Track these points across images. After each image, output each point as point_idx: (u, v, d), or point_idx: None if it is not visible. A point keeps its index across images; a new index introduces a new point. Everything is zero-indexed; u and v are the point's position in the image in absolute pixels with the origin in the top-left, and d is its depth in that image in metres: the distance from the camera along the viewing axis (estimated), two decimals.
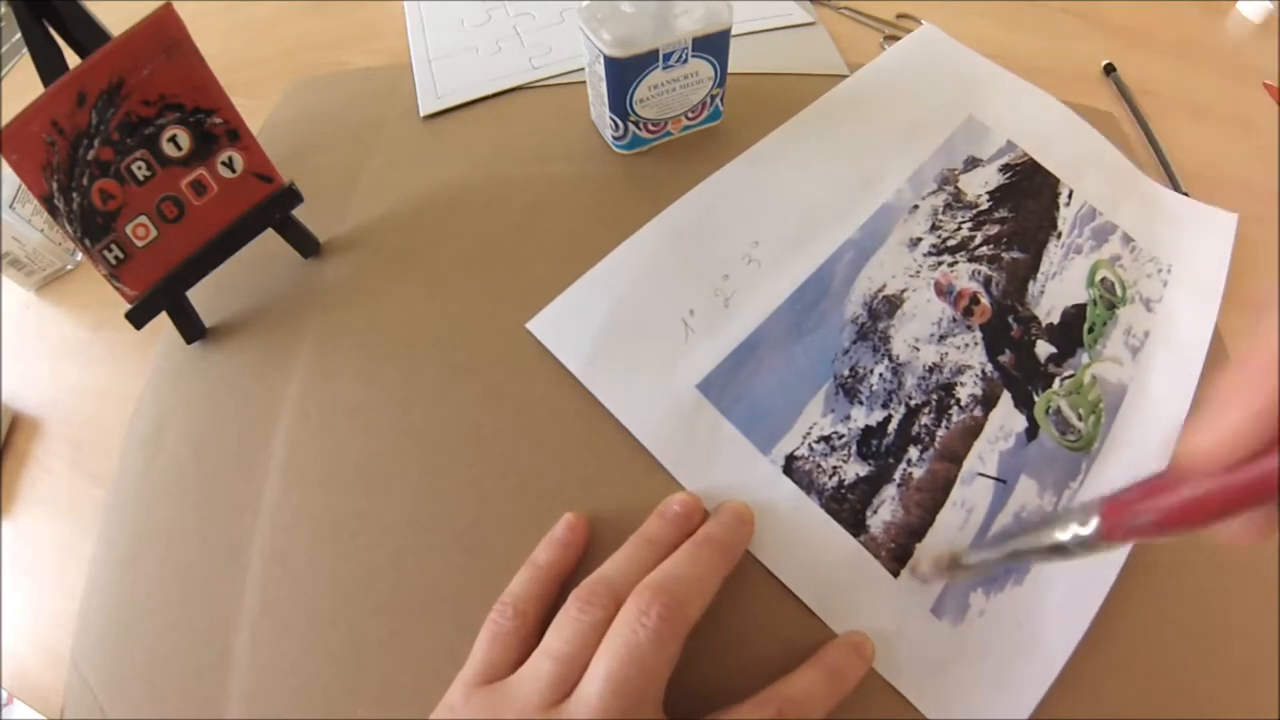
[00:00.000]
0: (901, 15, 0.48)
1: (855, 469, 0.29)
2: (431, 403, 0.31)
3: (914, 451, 0.30)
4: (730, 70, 0.37)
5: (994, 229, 0.36)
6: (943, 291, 0.34)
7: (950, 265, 0.35)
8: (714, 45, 0.35)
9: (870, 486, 0.29)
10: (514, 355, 0.32)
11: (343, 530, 0.29)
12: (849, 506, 0.29)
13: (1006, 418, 0.31)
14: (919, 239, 0.36)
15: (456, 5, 0.49)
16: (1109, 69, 0.46)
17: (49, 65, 0.27)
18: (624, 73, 0.34)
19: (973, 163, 0.38)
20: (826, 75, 0.43)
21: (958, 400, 0.31)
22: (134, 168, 0.29)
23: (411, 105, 0.43)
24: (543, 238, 0.36)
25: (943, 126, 0.40)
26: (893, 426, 0.30)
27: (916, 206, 0.37)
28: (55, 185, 0.28)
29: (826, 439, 0.30)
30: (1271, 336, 0.15)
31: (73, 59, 0.27)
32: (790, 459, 0.29)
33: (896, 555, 0.28)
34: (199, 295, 0.33)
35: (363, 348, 0.33)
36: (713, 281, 0.33)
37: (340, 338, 0.34)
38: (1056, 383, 0.32)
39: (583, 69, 0.38)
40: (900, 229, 0.36)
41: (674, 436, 0.29)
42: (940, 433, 0.30)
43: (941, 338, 0.33)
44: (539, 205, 0.37)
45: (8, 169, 0.28)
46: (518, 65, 0.44)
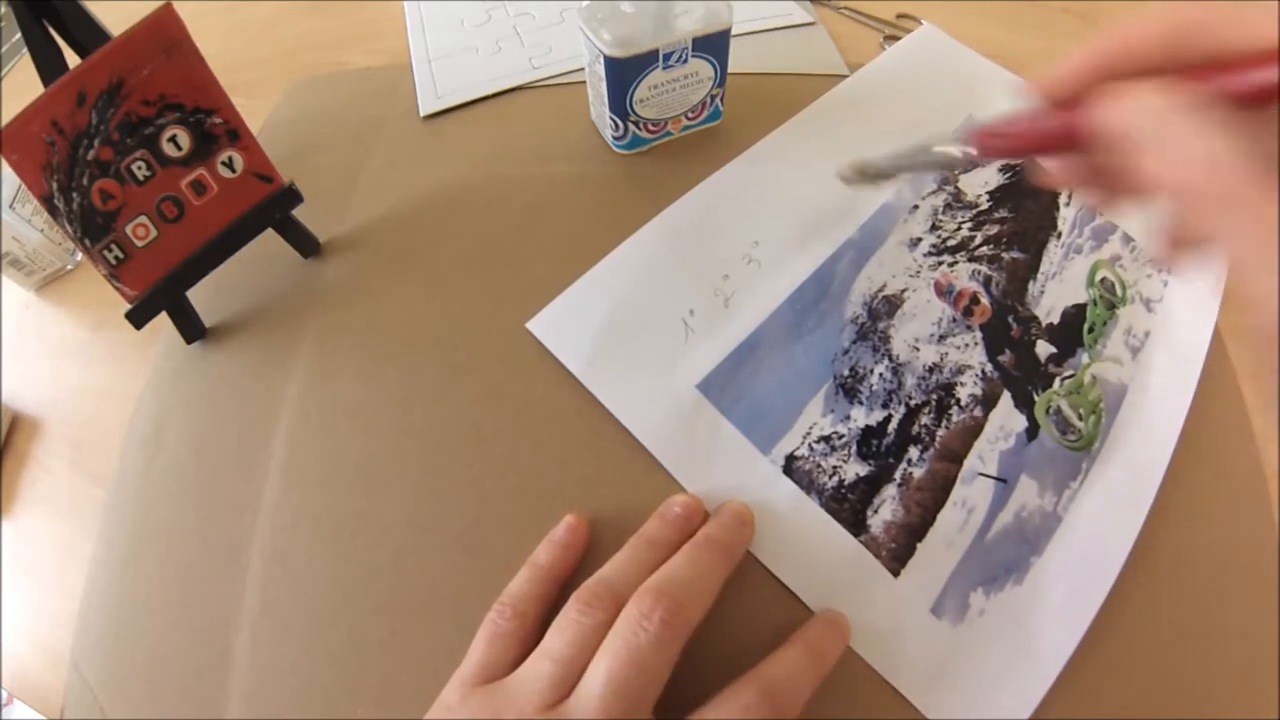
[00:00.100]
0: (901, 15, 0.48)
1: (855, 469, 0.29)
2: (431, 403, 0.31)
3: (914, 451, 0.30)
4: (730, 70, 0.37)
5: (994, 229, 0.36)
6: (943, 291, 0.34)
7: (950, 265, 0.35)
8: (714, 45, 0.35)
9: (870, 486, 0.29)
10: (514, 355, 0.32)
11: (343, 530, 0.29)
12: (849, 506, 0.29)
13: (1006, 417, 0.31)
14: (919, 239, 0.36)
15: (456, 5, 0.49)
16: None
17: (49, 65, 0.27)
18: (624, 73, 0.34)
19: (973, 163, 0.38)
20: (826, 75, 0.43)
21: (958, 400, 0.31)
22: (134, 168, 0.29)
23: (411, 105, 0.43)
24: (543, 238, 0.36)
25: (943, 126, 0.39)
26: (893, 426, 0.30)
27: (916, 206, 0.37)
28: (55, 185, 0.28)
29: (826, 439, 0.30)
30: (1127, 26, 0.18)
31: (73, 59, 0.27)
32: (790, 459, 0.29)
33: (897, 555, 0.28)
34: (199, 295, 0.33)
35: (363, 348, 0.33)
36: (713, 281, 0.33)
37: (340, 338, 0.34)
38: (1057, 383, 0.32)
39: (583, 69, 0.38)
40: (900, 229, 0.36)
41: (674, 436, 0.29)
42: (940, 432, 0.30)
43: (941, 338, 0.33)
44: (539, 205, 0.37)
45: (8, 169, 0.28)
46: (518, 65, 0.44)
